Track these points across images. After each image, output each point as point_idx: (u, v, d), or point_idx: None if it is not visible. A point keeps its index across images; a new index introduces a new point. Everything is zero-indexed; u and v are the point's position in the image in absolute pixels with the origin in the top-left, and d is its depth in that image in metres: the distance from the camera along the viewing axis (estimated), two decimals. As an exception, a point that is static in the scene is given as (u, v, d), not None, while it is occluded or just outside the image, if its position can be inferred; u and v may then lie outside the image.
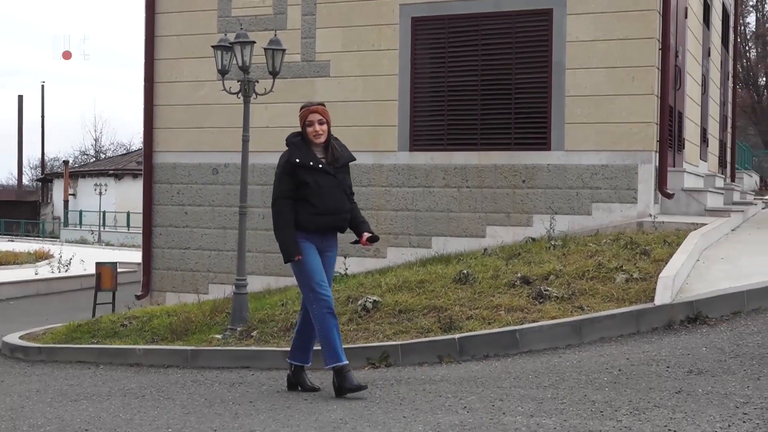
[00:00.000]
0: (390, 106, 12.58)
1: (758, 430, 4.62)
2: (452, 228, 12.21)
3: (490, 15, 12.22)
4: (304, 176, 6.29)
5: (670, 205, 11.99)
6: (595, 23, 11.63)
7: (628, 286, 8.08)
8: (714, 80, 17.61)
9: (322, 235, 6.46)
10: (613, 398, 5.52)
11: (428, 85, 12.53)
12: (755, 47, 52.77)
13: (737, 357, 6.29)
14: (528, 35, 12.04)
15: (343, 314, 8.49)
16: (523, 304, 8.01)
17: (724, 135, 19.88)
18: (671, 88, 12.24)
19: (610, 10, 11.57)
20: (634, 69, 11.48)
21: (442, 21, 12.46)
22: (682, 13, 13.41)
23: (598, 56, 11.64)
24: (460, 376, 6.70)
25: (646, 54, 11.48)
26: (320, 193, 6.31)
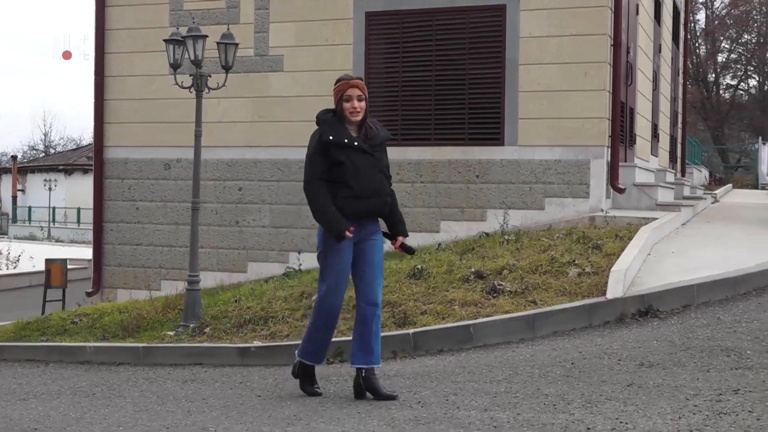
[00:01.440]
0: (344, 101, 12.52)
1: (708, 421, 4.67)
2: (407, 223, 12.10)
3: (445, 10, 12.23)
4: (338, 155, 5.72)
5: (622, 199, 12.11)
6: (548, 19, 11.69)
7: (580, 280, 8.15)
8: (665, 76, 17.81)
9: (360, 222, 5.82)
10: (566, 391, 5.56)
11: (382, 80, 12.51)
12: (705, 44, 53.53)
13: (687, 350, 6.36)
14: (482, 31, 12.07)
15: (296, 310, 8.47)
16: (477, 298, 8.03)
17: (674, 130, 20.13)
18: (623, 84, 12.35)
19: (562, 7, 11.63)
20: (587, 65, 11.56)
21: (396, 16, 12.45)
22: (633, 10, 13.53)
23: (551, 52, 11.70)
24: (415, 371, 6.70)
25: (598, 50, 11.56)
26: (357, 174, 5.72)
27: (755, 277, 8.18)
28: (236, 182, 12.94)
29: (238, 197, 12.92)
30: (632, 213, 11.44)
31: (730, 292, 7.92)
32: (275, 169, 12.77)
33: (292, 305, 8.63)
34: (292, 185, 12.64)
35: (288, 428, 5.25)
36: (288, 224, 12.68)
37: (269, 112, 12.82)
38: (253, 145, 12.87)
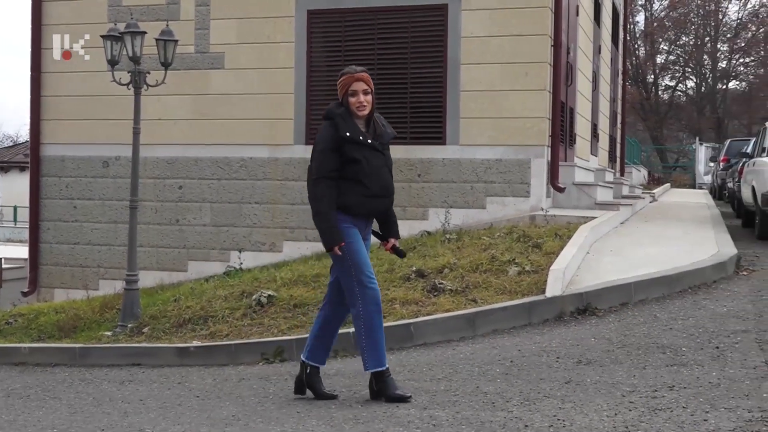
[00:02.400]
0: (286, 99, 12.48)
1: (643, 417, 4.73)
2: (348, 222, 12.16)
3: (387, 9, 12.24)
4: (353, 153, 5.45)
5: (562, 198, 12.24)
6: (489, 19, 11.76)
7: (520, 279, 8.20)
8: (604, 77, 18.05)
9: (368, 221, 5.67)
10: (505, 389, 5.59)
11: (324, 78, 12.47)
12: (644, 45, 54.36)
13: (624, 347, 6.44)
14: (424, 30, 12.11)
15: (237, 309, 8.40)
16: (417, 297, 8.05)
17: (614, 130, 20.40)
18: (563, 84, 12.48)
19: (504, 7, 11.71)
20: (528, 65, 11.66)
21: (338, 14, 12.43)
22: (573, 11, 13.68)
23: (492, 52, 11.77)
24: (355, 370, 6.67)
25: (538, 50, 11.67)
26: (371, 173, 5.48)
27: (691, 276, 8.32)
28: (176, 180, 12.80)
29: (178, 195, 12.79)
30: (572, 212, 11.56)
31: (666, 290, 8.04)
32: (216, 167, 12.66)
33: (233, 304, 8.56)
34: (233, 183, 12.56)
35: (226, 429, 5.20)
36: (229, 223, 12.58)
37: (210, 110, 12.71)
38: (194, 143, 12.75)
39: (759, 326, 6.73)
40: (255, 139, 12.54)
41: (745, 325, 6.80)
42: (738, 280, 8.64)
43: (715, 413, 4.71)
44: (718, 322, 6.92)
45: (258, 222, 12.51)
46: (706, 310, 7.36)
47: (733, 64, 56.05)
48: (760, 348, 6.10)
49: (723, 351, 6.10)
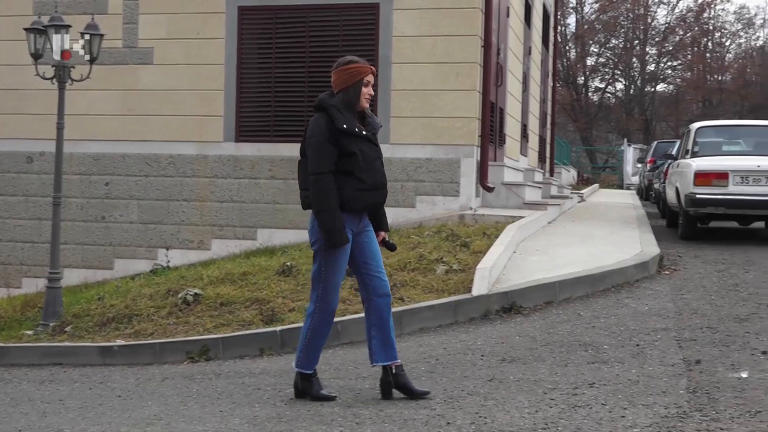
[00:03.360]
0: (216, 96, 12.37)
1: (563, 414, 4.79)
2: (278, 220, 12.14)
3: (319, 7, 12.21)
4: (350, 145, 5.24)
5: (491, 198, 12.35)
6: (420, 19, 11.81)
7: (447, 278, 8.25)
8: (534, 78, 18.25)
9: (362, 215, 5.46)
10: (429, 387, 5.60)
11: (255, 75, 12.40)
12: (575, 47, 55.13)
13: (548, 345, 6.52)
14: (356, 28, 12.11)
15: (162, 308, 8.30)
16: (345, 295, 8.01)
17: (543, 131, 20.65)
18: (493, 85, 12.59)
19: (435, 7, 11.77)
20: (458, 65, 11.73)
21: (269, 11, 12.35)
22: (504, 12, 13.81)
23: (423, 51, 11.82)
24: (281, 369, 6.65)
25: (469, 51, 11.75)
26: (366, 165, 5.30)
27: (614, 275, 8.47)
28: (103, 177, 12.59)
29: (104, 192, 12.59)
30: (500, 211, 11.67)
31: (590, 288, 8.17)
32: (144, 163, 12.49)
33: (158, 303, 8.45)
34: (161, 180, 12.41)
35: (147, 428, 5.14)
36: (157, 220, 12.43)
37: (138, 106, 12.54)
38: (122, 140, 12.56)
39: (678, 324, 6.88)
40: (184, 136, 12.41)
41: (665, 323, 6.94)
42: (660, 279, 8.82)
43: (633, 410, 4.80)
44: (640, 321, 7.05)
45: (186, 220, 12.38)
46: (628, 309, 7.50)
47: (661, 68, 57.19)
48: (678, 346, 6.23)
49: (643, 349, 6.22)
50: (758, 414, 4.61)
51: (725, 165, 11.58)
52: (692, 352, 6.04)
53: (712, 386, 5.19)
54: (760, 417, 4.56)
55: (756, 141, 12.90)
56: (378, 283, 5.50)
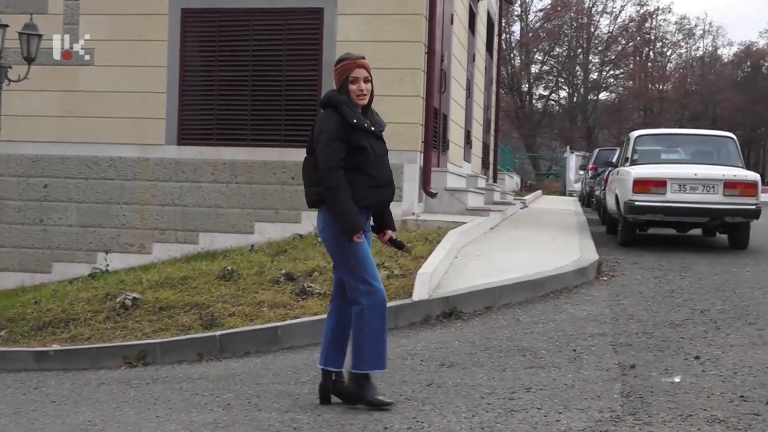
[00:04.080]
0: (158, 98, 12.26)
1: (499, 419, 4.83)
2: (220, 224, 12.07)
3: (263, 11, 12.17)
4: (360, 141, 5.15)
5: (434, 203, 12.40)
6: (364, 24, 11.83)
7: (388, 283, 8.23)
8: (478, 85, 18.38)
9: (369, 213, 5.35)
10: (368, 392, 5.61)
11: (198, 78, 12.32)
12: (519, 55, 55.65)
13: (487, 350, 6.57)
14: (300, 33, 12.09)
15: (100, 312, 8.19)
16: (286, 300, 8.01)
17: (487, 137, 20.81)
18: (436, 91, 12.65)
19: (379, 13, 11.80)
20: (402, 71, 11.77)
21: (213, 14, 12.29)
22: (448, 19, 13.89)
23: (367, 57, 11.64)
24: (219, 374, 6.61)
25: (412, 57, 11.80)
26: (377, 162, 5.22)
27: (553, 280, 8.56)
28: (41, 179, 12.40)
29: (43, 195, 12.40)
30: (443, 217, 11.73)
31: (529, 294, 8.24)
32: (83, 166, 12.33)
33: (96, 307, 8.34)
34: (101, 183, 12.27)
35: (81, 435, 5.07)
36: (96, 223, 12.28)
37: (79, 108, 12.37)
38: (61, 141, 12.39)
39: (615, 330, 6.98)
40: (125, 139, 12.28)
41: (602, 328, 7.03)
42: (598, 284, 8.94)
43: (568, 414, 4.85)
44: (577, 326, 7.13)
45: (127, 223, 12.24)
46: (567, 314, 7.58)
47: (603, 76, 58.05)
48: (614, 351, 6.32)
49: (580, 354, 6.29)
50: (689, 418, 4.70)
51: (663, 173, 11.78)
52: (627, 357, 6.13)
53: (645, 390, 5.27)
54: (690, 421, 4.65)
55: (694, 150, 13.15)
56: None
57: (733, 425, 4.55)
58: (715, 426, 4.56)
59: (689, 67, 66.37)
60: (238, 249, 10.87)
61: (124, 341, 7.53)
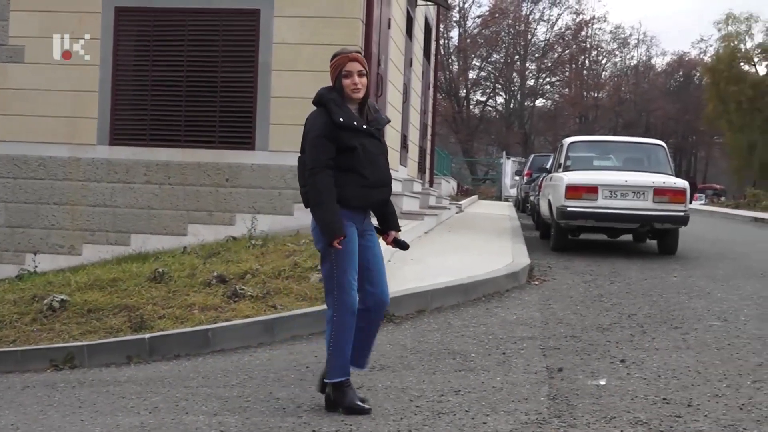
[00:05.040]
0: (90, 97, 12.07)
1: (427, 421, 4.86)
2: (153, 225, 11.92)
3: (198, 11, 12.06)
4: (349, 140, 5.01)
5: (369, 207, 12.39)
6: (301, 27, 11.80)
7: (321, 286, 8.22)
8: (415, 89, 18.46)
9: (366, 213, 5.26)
10: (298, 395, 5.60)
11: (132, 78, 12.16)
12: (457, 60, 56.02)
13: (417, 353, 6.59)
14: (236, 34, 12.01)
15: (26, 314, 8.05)
16: (217, 303, 7.95)
17: (423, 142, 20.88)
18: (373, 95, 12.66)
19: (316, 15, 11.78)
20: (338, 74, 11.73)
21: (148, 13, 12.14)
22: (385, 23, 13.93)
23: (304, 59, 11.80)
24: (148, 377, 6.53)
25: (349, 60, 11.76)
26: (369, 161, 5.07)
27: (485, 284, 8.64)
28: (-32, 178, 12.13)
29: (-30, 194, 12.12)
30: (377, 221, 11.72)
31: (461, 297, 8.30)
32: (12, 165, 12.09)
33: (22, 309, 8.19)
34: (30, 183, 12.04)
35: (3, 439, 4.97)
36: (25, 224, 12.04)
37: (7, 105, 12.12)
38: (-11, 140, 12.13)
39: (544, 333, 7.06)
40: (55, 138, 12.06)
41: (531, 332, 7.11)
42: (530, 289, 9.04)
43: (495, 416, 4.90)
44: (507, 329, 7.21)
45: (56, 224, 12.03)
46: (497, 318, 7.65)
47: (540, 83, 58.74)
48: (542, 354, 6.40)
49: (509, 357, 6.35)
50: (613, 420, 4.78)
51: (595, 179, 11.97)
52: (555, 360, 6.21)
53: (571, 393, 5.35)
54: (614, 423, 4.73)
55: (625, 157, 13.41)
56: (378, 290, 5.26)
57: (655, 427, 4.64)
58: (638, 428, 4.64)
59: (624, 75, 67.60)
60: (170, 251, 10.76)
61: (51, 344, 7.40)
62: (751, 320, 7.48)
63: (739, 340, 6.74)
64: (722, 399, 5.15)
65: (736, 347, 6.50)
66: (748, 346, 6.54)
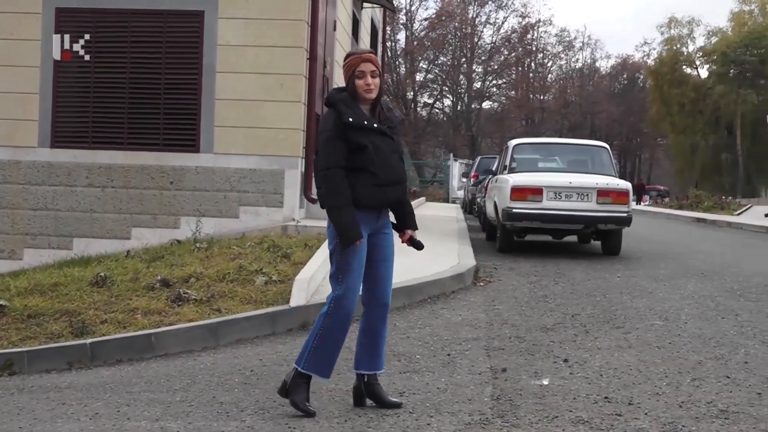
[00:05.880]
0: (30, 99, 11.89)
1: (371, 422, 4.85)
2: (96, 229, 11.77)
3: (141, 12, 11.94)
4: (359, 139, 5.00)
5: (315, 209, 12.38)
6: (245, 29, 11.74)
7: (266, 288, 8.21)
8: (362, 92, 18.42)
9: (380, 212, 5.17)
10: (241, 399, 5.56)
11: (73, 79, 12.00)
12: (405, 63, 56.17)
13: (362, 355, 6.57)
14: (179, 35, 11.92)
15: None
16: (161, 307, 7.87)
17: (371, 145, 20.85)
18: (319, 97, 12.63)
19: (260, 17, 11.74)
20: (283, 76, 11.73)
21: (89, 14, 12.00)
22: (331, 25, 13.90)
23: (248, 61, 11.75)
24: (89, 382, 6.44)
25: (294, 62, 11.77)
26: (381, 160, 5.04)
27: (431, 286, 8.66)
28: None
29: None
30: (324, 223, 11.61)
31: (407, 299, 8.31)
32: (-49, 168, 11.85)
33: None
34: (-31, 187, 11.80)
35: (-62, 448, 4.86)
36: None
37: (-55, 107, 11.88)
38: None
39: (489, 334, 7.10)
40: (-5, 140, 11.86)
41: (476, 333, 7.14)
42: (475, 290, 9.09)
43: (439, 417, 4.91)
44: (452, 331, 7.23)
45: (-3, 227, 11.82)
46: (443, 319, 7.67)
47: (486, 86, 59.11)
48: (487, 355, 6.43)
49: (454, 358, 6.37)
50: (555, 419, 4.81)
51: (540, 181, 12.07)
52: (499, 360, 6.24)
53: (515, 393, 5.38)
54: (556, 422, 4.76)
55: (569, 158, 13.53)
56: (381, 291, 5.27)
57: (596, 425, 4.69)
58: (579, 426, 4.68)
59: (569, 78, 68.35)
60: (113, 255, 10.62)
61: (-11, 350, 7.25)
62: (691, 319, 7.60)
63: (680, 338, 6.84)
64: (662, 397, 5.22)
65: (676, 346, 6.59)
66: (688, 344, 6.64)
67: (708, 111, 59.18)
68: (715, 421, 4.73)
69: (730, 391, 5.33)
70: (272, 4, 11.69)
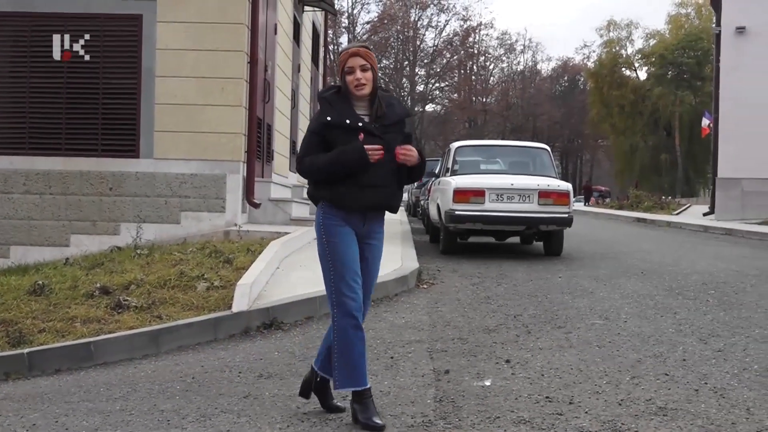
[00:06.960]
0: (-36, 105, 11.65)
1: (315, 427, 4.83)
2: (33, 237, 11.56)
3: (78, 16, 11.77)
4: (335, 139, 4.79)
5: (258, 214, 12.32)
6: (185, 32, 11.64)
7: (208, 294, 8.14)
8: (304, 95, 18.41)
9: (364, 217, 4.89)
10: (183, 406, 5.50)
11: (8, 85, 11.78)
12: (348, 67, 56.18)
13: (306, 360, 6.55)
14: (118, 39, 11.76)
15: None
16: (100, 315, 7.75)
17: (314, 148, 20.81)
18: (260, 101, 12.59)
19: (200, 21, 11.64)
20: (224, 80, 11.65)
21: (25, 18, 11.78)
22: (272, 29, 13.84)
23: (188, 65, 11.64)
24: (27, 393, 6.32)
25: (234, 66, 11.69)
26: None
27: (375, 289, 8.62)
28: None
29: None
30: (267, 227, 11.67)
31: (351, 303, 8.27)
32: None
33: None
34: None
35: None
36: None
37: None
38: None
39: (432, 336, 7.11)
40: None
41: (419, 335, 7.16)
42: (418, 292, 9.11)
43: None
44: (396, 333, 7.23)
45: (-70, 237, 11.55)
46: (386, 322, 7.68)
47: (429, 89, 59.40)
48: (430, 357, 6.44)
49: (397, 361, 6.37)
50: (497, 420, 4.84)
51: (482, 183, 12.15)
52: (442, 362, 6.26)
53: (457, 395, 5.39)
54: (498, 423, 4.79)
55: (511, 160, 13.64)
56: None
57: (537, 425, 4.72)
58: (521, 426, 4.71)
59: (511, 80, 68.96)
60: (52, 262, 10.44)
61: None
62: (631, 318, 7.70)
63: (620, 337, 6.93)
64: (602, 395, 5.28)
65: (616, 345, 6.67)
66: (627, 343, 6.73)
67: (647, 112, 60.16)
68: (654, 419, 4.79)
69: (669, 389, 5.41)
70: (212, 7, 11.61)
